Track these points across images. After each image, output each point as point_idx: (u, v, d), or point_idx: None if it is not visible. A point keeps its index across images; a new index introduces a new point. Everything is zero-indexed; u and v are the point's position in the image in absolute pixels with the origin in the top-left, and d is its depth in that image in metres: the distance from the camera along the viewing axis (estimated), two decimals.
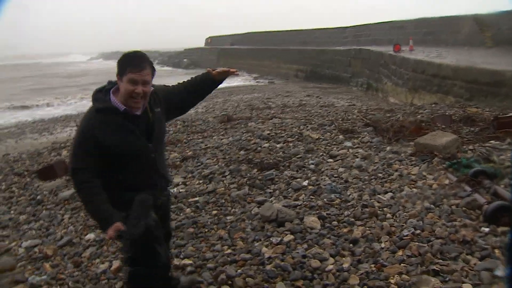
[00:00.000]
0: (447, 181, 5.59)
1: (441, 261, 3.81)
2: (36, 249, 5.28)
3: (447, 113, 9.51)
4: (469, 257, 3.83)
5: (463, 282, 3.47)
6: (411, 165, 6.41)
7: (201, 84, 3.53)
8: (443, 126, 8.24)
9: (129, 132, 3.04)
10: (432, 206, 4.95)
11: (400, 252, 4.09)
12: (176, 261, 4.38)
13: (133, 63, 2.97)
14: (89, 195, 3.00)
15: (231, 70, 3.57)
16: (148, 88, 3.02)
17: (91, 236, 5.37)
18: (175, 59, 63.36)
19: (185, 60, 59.23)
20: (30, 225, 6.07)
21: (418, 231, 4.38)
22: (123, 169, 3.09)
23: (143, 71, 2.96)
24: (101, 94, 3.09)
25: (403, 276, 3.68)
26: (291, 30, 47.63)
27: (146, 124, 3.13)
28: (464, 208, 4.73)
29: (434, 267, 3.71)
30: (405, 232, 4.39)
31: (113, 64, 3.37)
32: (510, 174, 5.45)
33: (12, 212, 6.67)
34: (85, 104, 22.48)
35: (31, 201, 6.99)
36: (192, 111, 16.54)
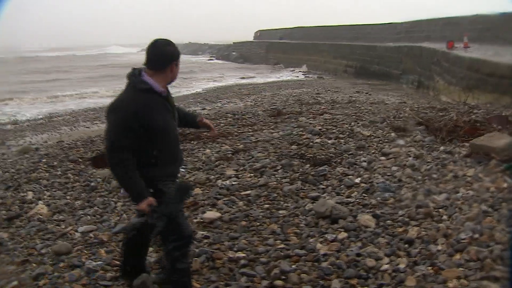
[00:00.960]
0: (505, 185, 5.42)
1: (502, 267, 3.71)
2: (91, 234, 5.38)
3: (503, 114, 9.22)
4: None
5: None
6: (466, 166, 6.26)
7: (188, 118, 3.88)
8: (499, 127, 7.98)
9: (167, 111, 3.41)
10: (490, 209, 4.81)
11: (457, 256, 4.00)
12: (230, 254, 4.42)
13: (178, 51, 3.42)
14: (128, 171, 3.25)
15: (213, 129, 3.98)
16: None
17: None
18: (224, 52, 63.72)
19: (234, 53, 59.46)
20: (85, 211, 6.19)
21: (476, 235, 4.27)
22: (160, 144, 3.36)
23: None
24: (138, 78, 3.34)
25: (462, 280, 3.61)
26: (341, 25, 47.08)
27: (171, 103, 3.50)
28: None
29: (495, 273, 3.61)
30: (463, 235, 4.29)
31: None
32: None
33: (67, 197, 6.83)
34: None
35: (85, 188, 7.14)
36: (241, 104, 16.70)
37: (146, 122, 3.22)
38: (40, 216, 6.08)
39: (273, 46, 52.01)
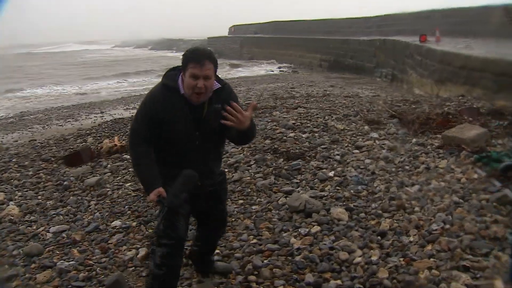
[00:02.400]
0: (475, 175, 5.51)
1: (472, 257, 3.77)
2: (64, 235, 5.30)
3: (474, 106, 9.37)
4: (500, 253, 3.77)
5: (495, 279, 3.42)
6: (439, 158, 6.34)
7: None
8: (470, 119, 8.10)
9: (183, 114, 3.20)
10: (461, 200, 4.90)
11: (429, 247, 4.06)
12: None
13: (195, 57, 3.11)
14: (139, 158, 3.28)
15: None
16: (210, 82, 3.13)
17: (117, 223, 5.40)
18: None
19: (208, 48, 59.29)
20: (58, 211, 6.10)
21: (447, 226, 4.34)
22: (165, 145, 3.28)
23: (204, 66, 3.08)
24: (173, 73, 3.31)
25: (433, 271, 3.65)
26: (315, 20, 47.21)
27: (200, 114, 3.23)
28: (494, 204, 4.66)
29: (465, 263, 3.66)
30: (434, 226, 4.36)
31: (139, 51, 3.45)
32: None
33: (39, 197, 6.72)
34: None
35: (58, 187, 7.03)
36: None
37: (157, 116, 3.19)
38: (11, 217, 5.97)
39: (247, 41, 51.97)
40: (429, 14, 28.14)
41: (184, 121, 3.21)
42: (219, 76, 3.36)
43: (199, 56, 3.12)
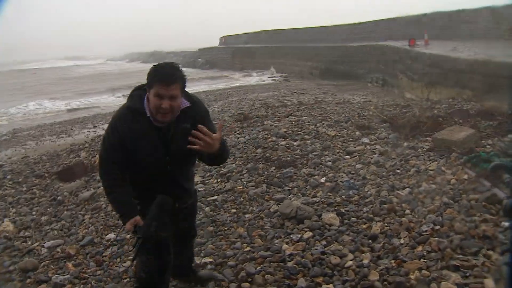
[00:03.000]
0: (465, 176, 5.56)
1: (462, 256, 3.81)
2: (58, 249, 5.33)
3: (464, 108, 9.45)
4: (490, 252, 3.81)
5: (485, 278, 3.45)
6: (429, 160, 6.40)
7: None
8: (460, 120, 8.18)
9: (149, 140, 3.04)
10: (451, 201, 4.94)
11: (419, 248, 4.10)
12: (196, 260, 4.42)
13: (160, 76, 2.91)
14: (111, 186, 3.11)
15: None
16: (176, 102, 2.95)
17: (111, 236, 5.44)
18: (190, 58, 63.43)
19: (200, 59, 59.29)
20: (52, 226, 6.14)
21: (437, 227, 4.38)
22: (138, 172, 3.14)
23: (170, 86, 2.90)
24: (137, 93, 3.12)
25: (423, 271, 3.69)
26: (304, 28, 47.31)
27: (167, 136, 3.08)
28: (483, 203, 4.71)
29: (455, 262, 3.70)
30: (424, 228, 4.40)
31: (129, 65, 3.32)
32: None
33: (34, 213, 6.76)
34: None
35: (52, 202, 7.07)
36: (209, 110, 16.68)
37: (125, 143, 3.04)
38: (6, 234, 6.01)
39: (239, 51, 52.04)
40: (419, 18, 28.35)
41: (151, 146, 3.05)
42: (188, 92, 3.16)
43: (164, 75, 2.92)
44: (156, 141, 3.05)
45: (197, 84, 33.45)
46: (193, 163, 3.45)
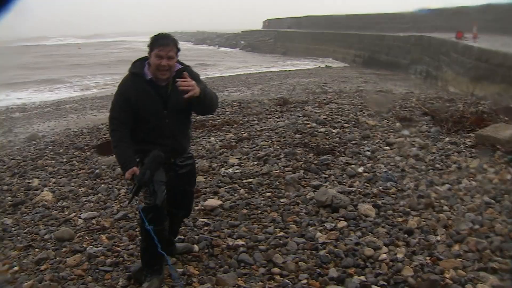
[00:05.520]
0: (509, 176, 5.40)
1: (501, 259, 3.70)
2: (94, 221, 5.42)
3: (511, 105, 9.16)
4: None
5: None
6: (471, 157, 6.24)
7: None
8: (506, 118, 7.93)
9: (149, 96, 3.62)
10: (492, 201, 4.81)
11: (456, 247, 4.01)
12: (229, 241, 4.44)
13: (159, 41, 3.55)
14: (117, 141, 3.69)
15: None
16: (172, 62, 3.57)
17: None
18: (232, 40, 63.61)
19: (242, 42, 59.34)
20: (89, 198, 6.24)
21: (476, 226, 4.27)
22: (140, 125, 3.70)
23: (167, 47, 3.53)
24: (139, 62, 3.73)
25: (459, 271, 3.61)
26: (350, 15, 46.67)
27: (166, 93, 3.65)
28: None
29: (493, 264, 3.60)
30: (463, 226, 4.29)
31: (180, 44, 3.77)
32: None
33: (72, 184, 6.88)
34: None
35: (90, 175, 7.17)
36: (248, 92, 16.69)
37: (130, 102, 3.61)
38: (45, 203, 6.15)
39: (281, 35, 51.77)
40: (467, 10, 27.57)
41: (152, 101, 3.62)
42: (181, 60, 3.75)
43: (163, 39, 3.57)
44: (155, 97, 3.63)
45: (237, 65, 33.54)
46: (189, 122, 3.98)
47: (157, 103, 3.64)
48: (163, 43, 3.54)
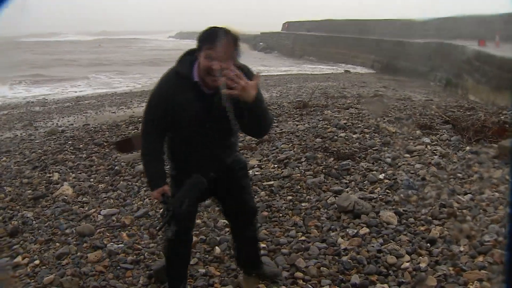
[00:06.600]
0: None
1: None
2: (114, 218, 5.46)
3: None
4: None
5: None
6: (493, 167, 6.17)
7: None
8: None
9: (193, 107, 2.98)
10: None
11: (480, 258, 3.95)
12: None
13: (210, 37, 2.82)
14: (148, 150, 3.16)
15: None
16: (228, 64, 2.76)
17: None
18: (251, 42, 63.75)
19: (261, 43, 59.45)
20: (108, 194, 6.28)
21: (501, 238, 4.21)
22: (178, 135, 3.14)
23: (221, 47, 2.77)
24: (188, 58, 3.04)
25: (484, 283, 3.56)
26: (370, 20, 46.60)
27: (211, 102, 2.96)
28: None
29: None
30: (487, 238, 4.24)
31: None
32: None
33: (91, 180, 6.93)
34: None
35: (109, 171, 7.22)
36: (267, 95, 16.67)
37: (170, 105, 3.00)
38: (65, 197, 6.21)
39: (300, 38, 51.79)
40: (490, 19, 27.33)
41: (195, 113, 2.98)
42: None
43: (215, 35, 2.79)
44: (200, 108, 2.98)
45: (254, 66, 33.51)
46: (234, 133, 3.21)
47: (200, 113, 2.99)
48: (216, 40, 2.78)
